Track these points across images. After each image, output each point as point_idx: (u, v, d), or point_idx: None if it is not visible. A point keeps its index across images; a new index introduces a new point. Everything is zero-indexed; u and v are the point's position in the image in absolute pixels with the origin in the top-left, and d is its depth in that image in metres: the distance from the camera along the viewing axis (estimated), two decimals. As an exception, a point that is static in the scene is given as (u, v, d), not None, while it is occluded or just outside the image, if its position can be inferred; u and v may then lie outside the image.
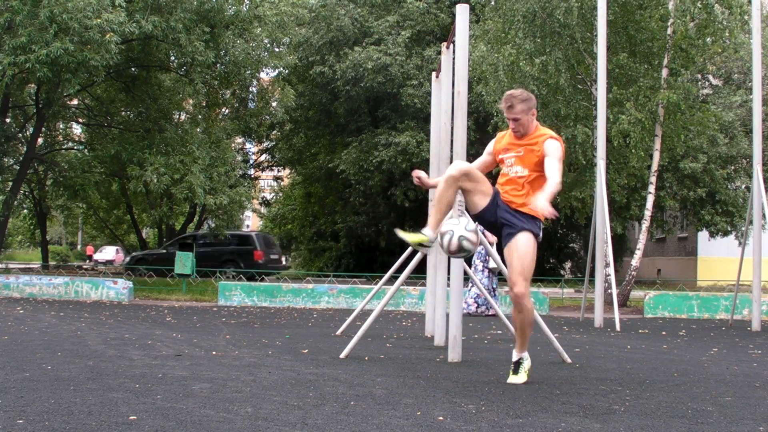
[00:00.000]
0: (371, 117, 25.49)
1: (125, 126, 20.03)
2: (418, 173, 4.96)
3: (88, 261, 41.03)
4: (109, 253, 42.54)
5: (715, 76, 20.09)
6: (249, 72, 20.11)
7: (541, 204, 4.21)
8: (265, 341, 6.79)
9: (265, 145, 32.85)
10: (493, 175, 5.02)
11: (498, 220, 4.54)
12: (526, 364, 4.61)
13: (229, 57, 18.68)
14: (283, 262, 25.41)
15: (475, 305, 11.06)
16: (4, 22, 14.08)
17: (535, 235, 4.50)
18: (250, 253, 21.27)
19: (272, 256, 22.36)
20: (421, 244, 4.50)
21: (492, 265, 10.86)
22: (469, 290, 10.99)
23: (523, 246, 4.43)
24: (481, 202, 4.55)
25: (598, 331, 9.03)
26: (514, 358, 4.61)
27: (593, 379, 4.76)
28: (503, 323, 7.51)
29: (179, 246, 21.19)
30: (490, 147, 4.82)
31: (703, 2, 12.45)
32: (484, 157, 4.84)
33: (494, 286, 11.08)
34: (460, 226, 4.46)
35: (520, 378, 4.55)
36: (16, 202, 19.02)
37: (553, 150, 4.46)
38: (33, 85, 18.21)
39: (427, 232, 4.49)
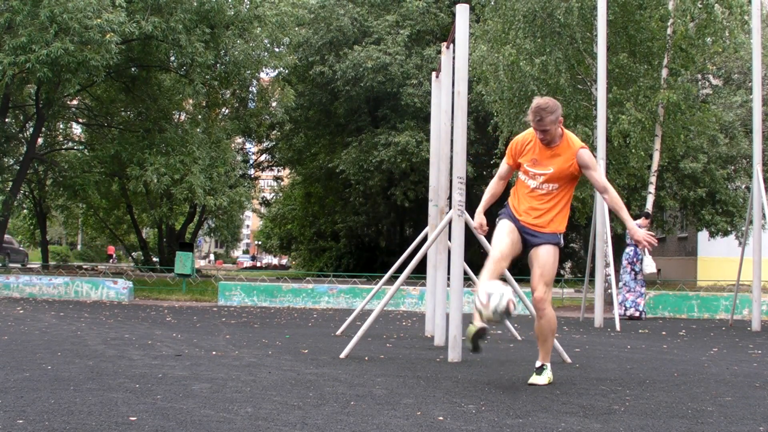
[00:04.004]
0: (371, 117, 25.49)
1: (125, 126, 20.03)
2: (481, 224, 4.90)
3: (110, 261, 40.83)
4: None
5: (715, 76, 20.07)
6: (249, 72, 20.12)
7: (641, 234, 4.42)
8: (265, 341, 6.79)
9: (265, 145, 32.86)
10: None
11: (521, 238, 4.56)
12: (549, 372, 4.55)
13: (229, 57, 18.69)
14: None
15: (623, 308, 11.14)
16: (4, 22, 14.08)
17: (556, 245, 4.53)
18: None
19: None
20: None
21: (648, 270, 11.12)
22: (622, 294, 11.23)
23: (545, 254, 4.47)
24: (520, 247, 4.56)
25: (598, 331, 9.03)
26: (537, 365, 4.57)
27: (593, 379, 4.76)
28: (504, 324, 7.51)
29: None
30: (509, 154, 4.72)
31: (703, 2, 12.45)
32: (505, 166, 4.78)
33: (642, 290, 11.23)
34: (508, 290, 4.30)
35: (542, 379, 4.48)
36: (16, 202, 19.01)
37: (590, 161, 4.49)
38: (33, 85, 18.21)
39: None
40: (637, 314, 11.05)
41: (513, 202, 4.64)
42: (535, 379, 4.51)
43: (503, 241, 4.52)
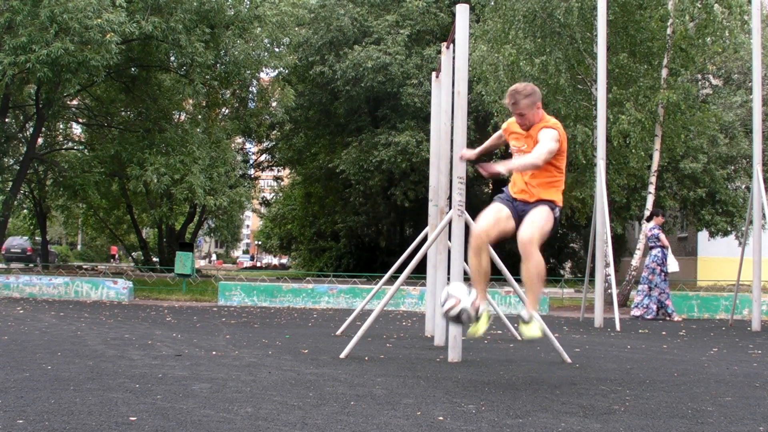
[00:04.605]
0: (371, 117, 25.49)
1: (125, 126, 20.02)
2: (463, 153, 5.33)
3: (112, 260, 40.83)
4: None
5: (715, 76, 20.08)
6: (249, 72, 20.12)
7: (492, 166, 4.41)
8: (265, 341, 6.79)
9: (265, 145, 32.87)
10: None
11: (521, 216, 4.63)
12: (539, 322, 4.44)
13: (229, 57, 18.69)
14: None
15: (656, 309, 11.18)
16: (4, 22, 14.07)
17: (550, 209, 4.58)
18: None
19: None
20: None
21: (671, 269, 11.20)
22: (647, 295, 11.25)
23: (539, 212, 4.53)
24: (510, 225, 4.62)
25: (598, 331, 9.02)
26: (525, 316, 4.37)
27: (593, 379, 4.76)
28: (504, 324, 7.51)
29: None
30: (502, 128, 5.03)
31: (703, 2, 12.45)
32: (497, 135, 5.15)
33: (668, 291, 11.29)
34: (469, 299, 4.35)
35: (534, 330, 4.32)
36: (16, 202, 19.00)
37: (544, 137, 4.54)
38: (33, 85, 18.21)
39: (482, 308, 4.39)
40: (669, 315, 11.10)
41: (510, 186, 4.81)
42: (525, 329, 4.34)
43: (488, 217, 4.64)
